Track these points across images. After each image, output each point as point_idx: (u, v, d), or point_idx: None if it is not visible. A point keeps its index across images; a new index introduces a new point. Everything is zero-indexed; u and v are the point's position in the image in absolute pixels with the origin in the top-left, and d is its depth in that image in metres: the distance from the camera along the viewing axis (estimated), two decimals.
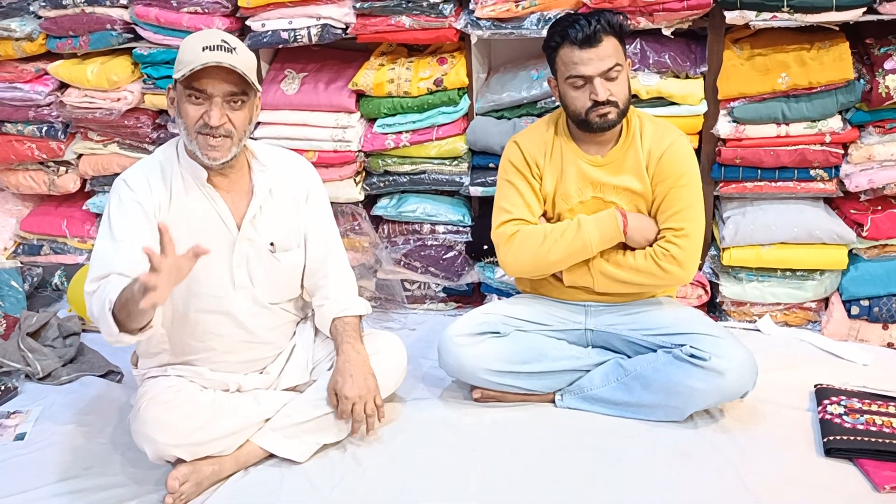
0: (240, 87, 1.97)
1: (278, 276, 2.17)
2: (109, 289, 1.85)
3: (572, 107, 2.16)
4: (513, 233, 2.23)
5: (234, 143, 2.01)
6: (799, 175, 2.59)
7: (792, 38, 2.55)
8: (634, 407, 2.20)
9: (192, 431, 2.00)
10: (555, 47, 2.15)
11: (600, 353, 2.31)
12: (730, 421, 2.19)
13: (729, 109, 2.59)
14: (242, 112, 2.00)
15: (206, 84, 1.94)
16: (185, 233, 2.04)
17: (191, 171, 2.07)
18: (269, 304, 2.18)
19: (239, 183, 2.12)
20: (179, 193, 2.06)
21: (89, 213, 3.26)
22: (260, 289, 2.15)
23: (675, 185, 2.18)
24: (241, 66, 1.95)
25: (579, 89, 2.13)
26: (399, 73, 2.80)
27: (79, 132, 3.17)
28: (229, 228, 2.09)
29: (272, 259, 2.15)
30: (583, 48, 2.08)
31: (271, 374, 2.23)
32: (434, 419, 2.30)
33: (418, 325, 2.91)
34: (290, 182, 2.18)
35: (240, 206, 2.11)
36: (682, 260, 2.16)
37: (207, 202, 2.07)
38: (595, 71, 2.09)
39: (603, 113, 2.13)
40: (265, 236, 2.13)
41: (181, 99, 1.99)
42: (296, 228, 2.19)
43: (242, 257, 2.11)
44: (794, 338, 2.65)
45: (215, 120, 1.95)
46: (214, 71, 1.93)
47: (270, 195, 2.14)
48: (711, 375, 2.07)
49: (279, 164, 2.19)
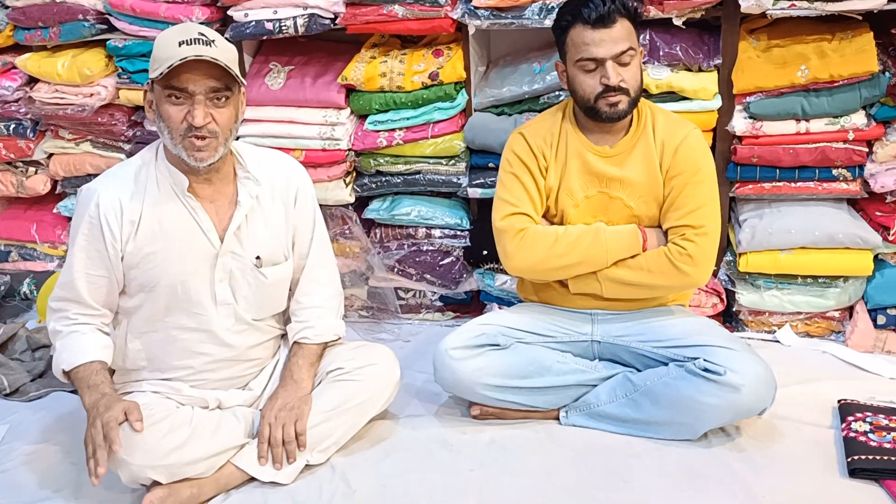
0: (223, 81, 1.97)
1: (263, 292, 2.18)
2: (71, 349, 2.06)
3: (581, 92, 2.18)
4: (522, 227, 2.24)
5: (221, 143, 2.02)
6: (820, 175, 2.60)
7: (812, 28, 2.56)
8: (644, 424, 2.21)
9: (169, 452, 2.00)
10: (565, 27, 2.17)
11: (607, 367, 2.31)
12: (746, 440, 2.18)
13: (745, 105, 2.60)
14: (227, 109, 2.01)
15: (187, 81, 1.94)
16: (162, 246, 2.06)
17: (171, 178, 2.07)
18: (253, 321, 2.20)
19: (223, 191, 2.12)
20: (155, 204, 2.07)
21: (60, 216, 3.26)
22: (243, 305, 2.16)
23: (691, 181, 2.20)
24: (223, 58, 1.95)
25: (589, 73, 2.15)
26: (392, 67, 2.80)
27: (49, 130, 3.17)
28: (211, 241, 2.10)
29: (257, 274, 2.15)
30: (596, 28, 2.11)
31: (254, 390, 2.25)
32: (429, 438, 2.29)
33: (413, 337, 2.92)
34: (277, 186, 2.18)
35: (223, 217, 2.11)
36: (698, 259, 2.17)
37: (187, 212, 2.08)
38: (607, 53, 2.11)
39: (613, 101, 2.15)
40: (250, 250, 2.14)
41: (160, 101, 1.99)
42: (284, 240, 2.20)
43: (225, 272, 2.12)
44: (816, 349, 2.65)
45: (199, 119, 1.95)
46: (194, 66, 1.93)
47: (258, 203, 2.14)
48: (726, 391, 2.07)
49: (266, 167, 2.18)
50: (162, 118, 2.00)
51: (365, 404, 2.21)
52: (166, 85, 1.96)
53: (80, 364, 2.05)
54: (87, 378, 2.02)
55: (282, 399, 2.14)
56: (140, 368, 2.17)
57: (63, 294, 2.10)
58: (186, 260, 2.07)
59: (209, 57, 1.92)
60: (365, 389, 2.20)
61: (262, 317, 2.22)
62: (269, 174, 2.18)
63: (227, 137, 2.03)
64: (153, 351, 2.15)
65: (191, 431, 2.05)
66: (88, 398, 2.00)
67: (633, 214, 2.27)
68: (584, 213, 2.29)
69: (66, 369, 2.06)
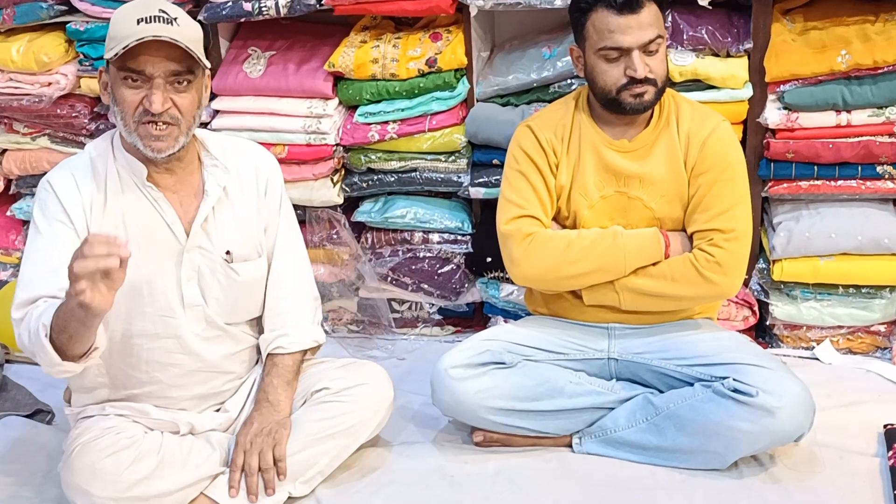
0: (184, 64, 1.98)
1: (235, 291, 2.18)
2: (40, 312, 1.86)
3: (601, 82, 2.18)
4: (530, 232, 2.24)
5: (182, 132, 2.02)
6: (863, 172, 2.59)
7: (853, 8, 2.56)
8: (667, 453, 2.20)
9: (134, 484, 1.99)
10: (585, 10, 2.17)
11: (626, 388, 2.30)
12: (781, 469, 2.18)
13: (779, 94, 2.59)
14: (189, 94, 2.01)
15: (145, 63, 1.94)
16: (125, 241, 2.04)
17: (129, 168, 2.08)
18: (225, 326, 2.19)
19: (187, 181, 2.12)
20: (115, 195, 2.07)
21: (14, 219, 3.25)
22: (214, 307, 2.16)
23: (720, 179, 2.20)
24: (185, 39, 1.95)
25: (612, 62, 2.15)
26: (384, 52, 2.80)
27: (2, 123, 3.16)
28: (176, 235, 2.10)
29: (228, 271, 2.15)
30: (622, 13, 2.11)
31: (230, 412, 2.23)
32: (427, 468, 2.28)
33: (408, 354, 2.92)
34: (245, 176, 2.20)
35: (189, 209, 2.11)
36: (728, 267, 2.17)
37: (149, 205, 2.08)
38: (635, 42, 2.11)
39: (638, 92, 2.16)
40: (219, 244, 2.14)
41: (115, 83, 1.99)
42: (256, 234, 2.21)
43: (192, 269, 2.12)
44: (860, 368, 2.65)
45: (157, 105, 1.94)
46: (153, 47, 1.93)
47: (225, 194, 2.15)
48: (759, 414, 2.06)
49: (234, 156, 2.20)
50: (116, 102, 2.01)
51: (354, 428, 2.20)
52: (122, 66, 1.96)
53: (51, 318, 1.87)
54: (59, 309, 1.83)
55: (257, 423, 2.14)
56: (101, 387, 2.15)
57: (25, 297, 1.98)
58: (150, 257, 2.07)
59: (168, 37, 1.92)
60: (354, 411, 2.19)
61: (236, 321, 2.21)
62: (237, 163, 2.20)
63: (189, 125, 2.04)
64: (116, 365, 2.13)
65: (159, 460, 2.05)
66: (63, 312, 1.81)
67: (654, 216, 2.27)
68: (600, 215, 2.29)
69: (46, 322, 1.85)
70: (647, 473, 2.19)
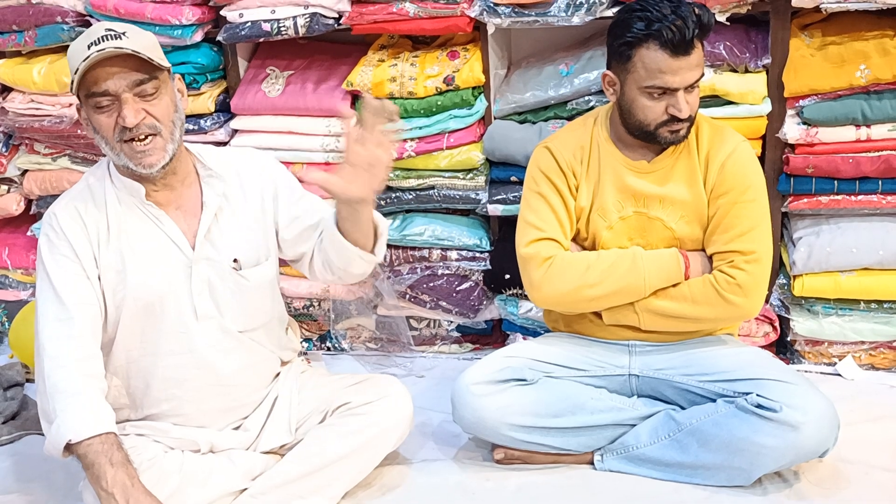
0: (144, 70, 1.97)
1: (247, 297, 2.18)
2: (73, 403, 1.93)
3: (641, 116, 2.16)
4: (549, 255, 2.24)
5: (167, 140, 2.02)
6: (884, 187, 2.59)
7: (872, 22, 2.56)
8: (690, 469, 2.19)
9: None
10: (634, 44, 2.11)
11: (648, 404, 2.30)
12: (806, 486, 2.16)
13: (798, 109, 2.60)
14: (161, 101, 2.01)
15: (105, 82, 1.95)
16: (132, 263, 2.07)
17: (127, 190, 2.09)
18: (239, 334, 2.19)
19: (186, 195, 2.13)
20: (118, 218, 2.08)
21: (35, 239, 3.24)
22: (229, 315, 2.16)
23: (740, 200, 2.19)
24: (136, 47, 1.95)
25: (656, 99, 2.13)
26: (402, 71, 2.82)
27: (23, 144, 3.20)
28: (182, 250, 2.11)
29: (237, 278, 2.16)
30: (676, 56, 2.07)
31: (250, 431, 2.23)
32: (447, 485, 2.28)
33: (427, 372, 2.92)
34: (248, 182, 2.20)
35: (192, 222, 2.13)
36: (749, 289, 2.17)
37: (151, 223, 2.10)
38: (682, 83, 2.10)
39: (677, 129, 2.15)
40: (226, 252, 2.15)
41: (89, 113, 2.01)
42: (262, 238, 2.21)
43: (202, 281, 2.12)
44: (883, 384, 2.64)
45: (131, 118, 1.95)
46: (108, 64, 1.94)
47: (226, 201, 2.16)
48: (784, 430, 2.05)
49: (229, 163, 2.20)
50: (96, 130, 2.02)
51: (374, 441, 2.20)
52: (88, 94, 1.98)
53: (93, 435, 1.93)
54: (108, 453, 1.91)
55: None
56: (122, 407, 2.15)
57: (52, 351, 1.99)
58: (160, 274, 2.08)
59: (115, 48, 1.93)
60: (377, 423, 2.19)
61: (251, 326, 2.21)
62: (236, 170, 2.20)
63: (171, 132, 2.04)
64: (134, 385, 2.14)
65: (180, 480, 2.05)
66: (112, 476, 1.88)
67: (674, 237, 2.26)
68: (620, 236, 2.28)
69: (74, 440, 1.92)
70: (670, 490, 2.18)
